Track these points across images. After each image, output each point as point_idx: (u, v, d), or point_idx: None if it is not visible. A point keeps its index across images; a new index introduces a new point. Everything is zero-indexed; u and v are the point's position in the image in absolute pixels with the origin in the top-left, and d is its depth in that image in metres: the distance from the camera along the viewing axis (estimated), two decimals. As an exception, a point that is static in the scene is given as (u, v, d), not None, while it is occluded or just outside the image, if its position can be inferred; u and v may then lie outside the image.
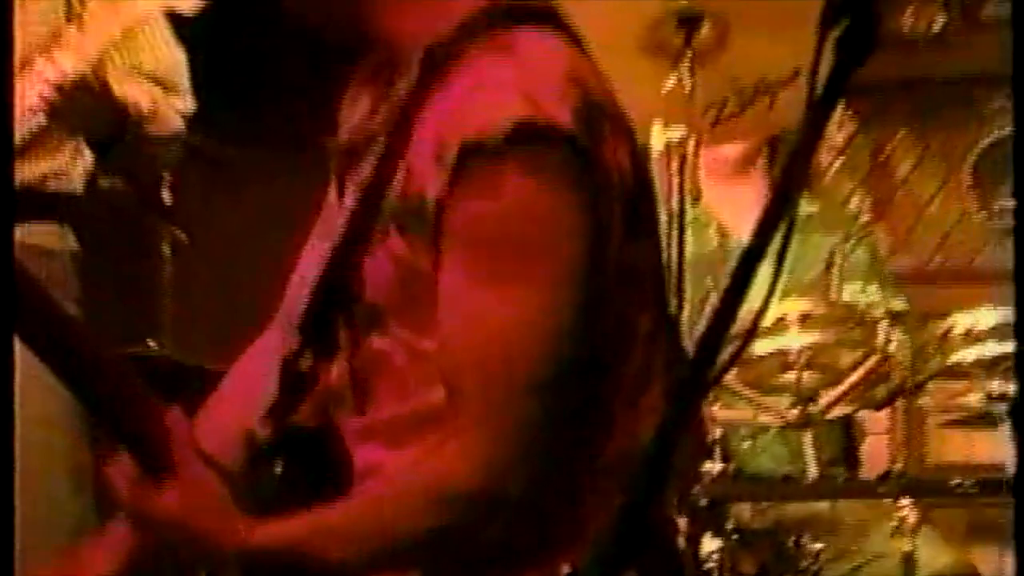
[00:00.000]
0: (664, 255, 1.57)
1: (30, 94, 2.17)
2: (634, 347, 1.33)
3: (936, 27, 3.42)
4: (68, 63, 2.20)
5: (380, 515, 1.26)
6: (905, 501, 2.09)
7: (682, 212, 2.03)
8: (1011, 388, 2.22)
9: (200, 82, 2.35)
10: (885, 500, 2.14)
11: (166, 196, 2.87)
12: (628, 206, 1.28)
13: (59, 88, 2.17)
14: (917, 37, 3.42)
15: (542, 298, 1.25)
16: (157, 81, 2.33)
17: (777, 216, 0.88)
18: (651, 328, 1.34)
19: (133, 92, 2.27)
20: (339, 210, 1.36)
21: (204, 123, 2.44)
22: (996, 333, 2.21)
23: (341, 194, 1.37)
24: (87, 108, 2.26)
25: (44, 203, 2.31)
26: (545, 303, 1.25)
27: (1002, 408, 2.21)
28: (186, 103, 2.36)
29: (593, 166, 1.22)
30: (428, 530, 1.24)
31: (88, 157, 2.36)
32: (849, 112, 3.34)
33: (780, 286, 1.65)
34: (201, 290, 3.19)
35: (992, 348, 2.19)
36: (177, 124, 2.36)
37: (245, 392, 1.47)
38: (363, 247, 1.30)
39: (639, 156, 1.35)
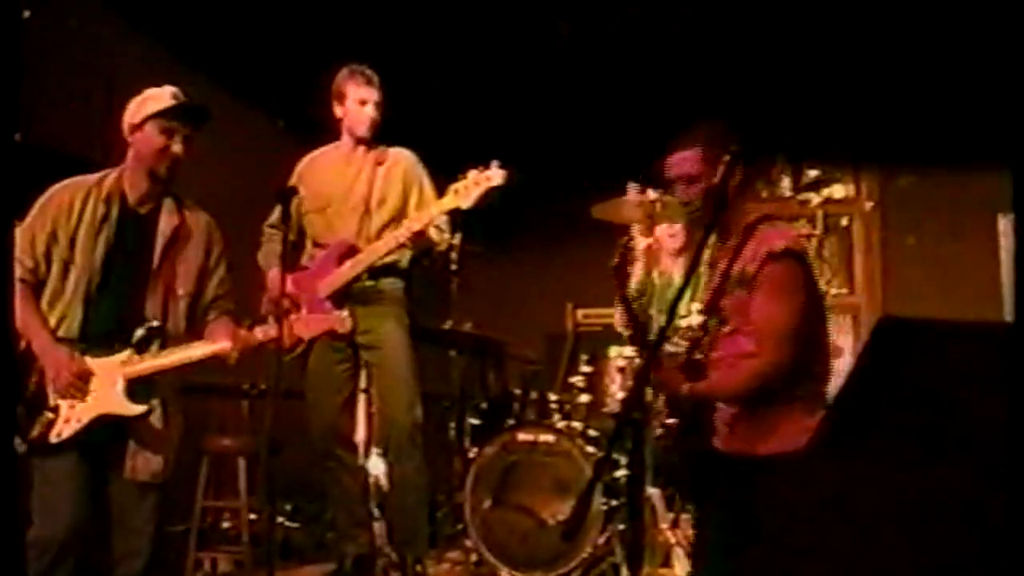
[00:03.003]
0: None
1: (400, 238, 4.04)
2: (822, 339, 2.73)
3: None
4: (417, 225, 4.06)
5: (723, 384, 2.76)
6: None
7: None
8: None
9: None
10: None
11: (453, 266, 4.69)
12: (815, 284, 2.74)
13: (413, 233, 4.07)
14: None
15: (792, 310, 2.59)
16: (440, 229, 4.27)
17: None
18: (825, 333, 2.75)
19: (433, 232, 4.21)
20: (711, 276, 2.80)
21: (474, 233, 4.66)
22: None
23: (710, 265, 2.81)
24: (419, 243, 4.17)
25: (395, 272, 4.31)
26: (793, 312, 2.61)
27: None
28: (453, 235, 4.36)
29: (808, 267, 2.71)
30: (742, 389, 2.71)
31: (408, 254, 4.30)
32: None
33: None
34: (469, 301, 5.04)
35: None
36: (448, 242, 4.32)
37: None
38: (723, 291, 2.78)
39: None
